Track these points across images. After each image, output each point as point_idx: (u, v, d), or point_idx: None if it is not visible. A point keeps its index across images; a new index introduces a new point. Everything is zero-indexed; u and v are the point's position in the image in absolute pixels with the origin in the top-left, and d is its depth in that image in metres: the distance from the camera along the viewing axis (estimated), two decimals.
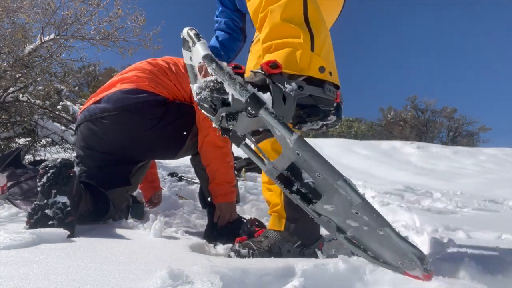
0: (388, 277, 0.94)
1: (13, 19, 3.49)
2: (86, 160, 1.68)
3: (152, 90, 1.69)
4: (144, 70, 1.78)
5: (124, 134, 1.64)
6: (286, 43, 1.03)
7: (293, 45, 1.02)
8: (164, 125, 1.66)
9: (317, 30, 1.05)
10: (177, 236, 1.32)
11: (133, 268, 0.83)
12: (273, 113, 0.84)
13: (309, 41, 1.02)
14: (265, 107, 0.84)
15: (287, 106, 0.93)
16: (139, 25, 4.13)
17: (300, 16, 1.04)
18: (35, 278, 0.72)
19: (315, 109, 1.01)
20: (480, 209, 3.70)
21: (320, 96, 1.00)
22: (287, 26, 1.03)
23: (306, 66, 1.00)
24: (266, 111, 0.84)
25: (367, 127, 31.83)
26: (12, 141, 3.68)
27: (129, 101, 1.62)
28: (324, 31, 1.08)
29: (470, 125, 30.73)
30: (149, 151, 1.76)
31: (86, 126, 1.67)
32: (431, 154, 13.65)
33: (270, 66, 0.95)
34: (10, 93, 3.38)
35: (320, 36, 1.05)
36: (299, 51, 1.00)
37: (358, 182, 5.39)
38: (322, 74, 1.01)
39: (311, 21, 1.04)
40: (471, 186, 7.32)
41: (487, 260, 1.12)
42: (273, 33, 1.06)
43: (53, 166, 1.25)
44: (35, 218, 1.19)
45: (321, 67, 1.01)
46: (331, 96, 1.01)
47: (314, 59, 1.01)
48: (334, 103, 1.03)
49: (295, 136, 0.82)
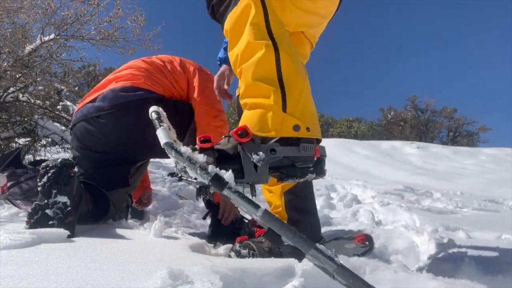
0: (389, 277, 0.94)
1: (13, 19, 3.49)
2: (83, 161, 1.66)
3: (148, 87, 1.67)
4: (139, 68, 1.77)
5: (120, 132, 1.62)
6: (257, 104, 1.02)
7: (263, 106, 1.01)
8: None
9: (292, 86, 1.02)
10: (177, 236, 1.32)
11: (133, 268, 0.83)
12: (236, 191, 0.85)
13: (280, 101, 0.99)
14: (228, 187, 0.85)
15: (259, 173, 0.94)
16: (139, 25, 4.13)
17: (272, 74, 1.01)
18: (35, 278, 0.72)
19: (292, 169, 0.99)
20: (480, 209, 3.70)
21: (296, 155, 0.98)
22: (258, 85, 1.02)
23: (278, 127, 0.98)
24: (229, 191, 0.85)
25: (367, 127, 31.83)
26: (12, 141, 3.68)
27: (125, 99, 1.60)
28: (300, 84, 1.05)
29: (470, 125, 30.78)
30: (146, 149, 1.73)
31: (82, 126, 1.65)
32: (431, 154, 13.65)
33: (239, 135, 0.96)
34: (10, 93, 3.38)
35: (294, 92, 1.02)
36: (269, 112, 0.99)
37: (358, 182, 5.39)
38: (297, 133, 0.98)
39: (284, 78, 1.02)
40: (471, 186, 7.32)
41: (487, 260, 1.12)
42: (247, 91, 1.05)
43: (54, 166, 1.25)
44: (36, 218, 1.19)
45: (295, 126, 0.99)
46: (308, 153, 0.99)
47: (287, 119, 0.99)
48: (313, 159, 1.00)
49: (260, 213, 0.83)
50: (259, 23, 1.05)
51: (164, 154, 1.85)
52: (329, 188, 4.44)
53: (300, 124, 0.99)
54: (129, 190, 1.75)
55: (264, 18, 1.05)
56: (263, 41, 1.03)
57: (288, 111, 0.99)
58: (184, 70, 1.85)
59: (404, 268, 1.11)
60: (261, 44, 1.02)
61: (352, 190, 4.38)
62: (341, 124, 32.13)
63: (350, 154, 12.29)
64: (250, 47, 1.04)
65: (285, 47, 1.05)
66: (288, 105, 1.00)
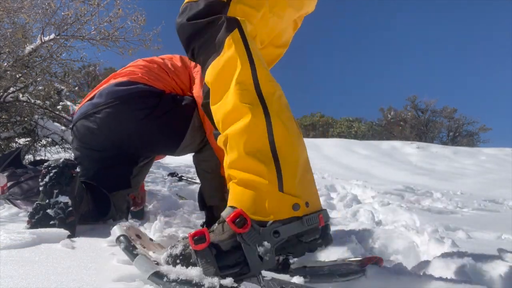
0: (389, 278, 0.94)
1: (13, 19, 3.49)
2: (84, 161, 1.64)
3: (146, 82, 1.65)
4: (138, 65, 1.76)
5: (117, 127, 1.60)
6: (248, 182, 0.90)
7: (256, 185, 0.89)
8: (158, 116, 1.59)
9: (288, 158, 0.91)
10: (177, 236, 1.32)
11: (134, 268, 0.83)
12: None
13: (275, 180, 0.88)
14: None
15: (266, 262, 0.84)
16: (139, 25, 4.13)
17: (264, 146, 0.90)
18: (35, 278, 0.72)
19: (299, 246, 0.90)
20: (480, 209, 3.70)
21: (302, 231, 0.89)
22: (250, 160, 0.90)
23: (275, 210, 0.88)
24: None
25: (367, 127, 31.82)
26: (12, 141, 3.68)
27: (121, 92, 1.59)
28: (296, 154, 0.93)
29: (470, 125, 30.76)
30: (145, 145, 1.68)
31: (81, 124, 1.64)
32: (431, 154, 13.65)
33: (236, 223, 0.84)
34: (10, 93, 3.38)
35: (291, 165, 0.91)
36: (264, 194, 0.88)
37: (358, 182, 5.39)
38: (297, 212, 0.88)
39: (279, 149, 0.90)
40: (471, 186, 7.32)
41: (487, 260, 1.12)
42: (234, 164, 0.92)
43: (56, 166, 1.25)
44: (37, 218, 1.19)
45: (294, 205, 0.88)
46: (313, 225, 0.90)
47: (285, 199, 0.88)
48: (318, 229, 0.92)
49: None
50: (246, 81, 0.93)
51: (164, 149, 1.81)
52: (329, 188, 4.44)
53: (299, 202, 0.89)
54: (131, 192, 1.73)
55: (252, 76, 0.93)
56: (251, 104, 0.91)
57: (285, 190, 0.88)
58: (185, 65, 1.83)
59: (404, 268, 1.11)
60: (249, 108, 0.91)
61: (352, 190, 4.38)
62: (341, 124, 32.12)
63: (350, 154, 12.29)
64: (237, 111, 0.92)
65: (276, 110, 0.93)
66: (284, 183, 0.89)
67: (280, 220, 0.87)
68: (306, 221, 0.89)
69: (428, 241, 1.63)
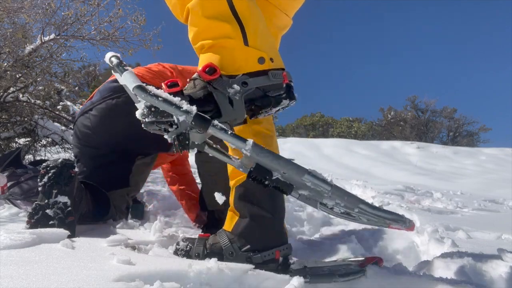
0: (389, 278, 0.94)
1: (13, 19, 3.49)
2: (84, 158, 1.65)
3: (140, 78, 1.64)
4: (139, 68, 1.77)
5: (109, 122, 1.61)
6: (217, 44, 0.96)
7: (224, 44, 0.95)
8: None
9: (248, 18, 0.97)
10: (177, 236, 1.32)
11: (134, 268, 0.83)
12: (222, 128, 0.83)
13: (240, 35, 0.95)
14: (212, 124, 0.82)
15: (236, 109, 0.92)
16: (140, 25, 4.12)
17: (224, 9, 0.95)
18: (35, 278, 0.72)
19: (265, 98, 0.98)
20: (480, 209, 3.70)
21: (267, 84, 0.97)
22: (213, 23, 0.96)
23: (243, 63, 0.95)
24: (214, 128, 0.83)
25: (367, 127, 31.82)
26: (12, 141, 3.68)
27: (113, 88, 1.61)
28: (255, 16, 0.99)
29: (470, 125, 30.77)
30: (138, 141, 1.64)
31: (79, 121, 1.67)
32: (431, 154, 13.66)
33: (207, 72, 0.92)
34: (10, 93, 3.38)
35: (251, 24, 0.97)
36: (232, 49, 0.95)
37: (358, 182, 5.39)
38: (262, 65, 0.96)
39: (238, 10, 0.96)
40: (471, 186, 7.32)
41: (487, 260, 1.12)
42: (200, 33, 0.99)
43: (54, 166, 1.25)
44: (36, 218, 1.19)
45: (260, 58, 0.96)
46: (278, 80, 0.97)
47: (251, 53, 0.96)
48: (283, 86, 0.98)
49: (249, 146, 0.82)
50: None
51: (158, 146, 1.76)
52: None
53: (264, 56, 0.96)
54: (130, 191, 1.71)
55: None
56: None
57: (250, 44, 0.96)
58: (191, 68, 1.85)
59: (404, 268, 1.11)
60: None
61: (352, 190, 4.38)
62: (341, 124, 32.12)
63: (350, 154, 12.29)
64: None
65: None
66: (248, 37, 0.96)
67: (248, 73, 0.94)
68: (271, 75, 0.96)
69: (428, 241, 1.63)
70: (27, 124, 3.59)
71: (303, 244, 1.55)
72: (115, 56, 0.95)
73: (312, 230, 1.94)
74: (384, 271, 0.97)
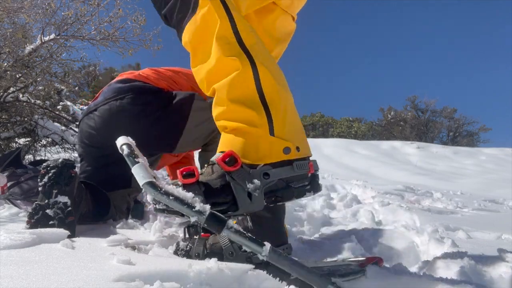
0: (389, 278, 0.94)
1: (13, 19, 3.49)
2: (86, 158, 1.67)
3: (144, 80, 1.65)
4: (144, 70, 1.77)
5: (112, 123, 1.60)
6: (240, 129, 0.90)
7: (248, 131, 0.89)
8: (152, 112, 1.59)
9: (276, 104, 0.91)
10: (177, 236, 1.32)
11: (134, 268, 0.83)
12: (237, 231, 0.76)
13: (266, 125, 0.89)
14: (227, 227, 0.76)
15: (254, 202, 0.85)
16: (140, 25, 4.12)
17: (252, 94, 0.90)
18: (35, 278, 0.72)
19: (288, 190, 0.91)
20: (480, 209, 3.70)
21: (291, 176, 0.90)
22: (239, 108, 0.90)
23: (267, 153, 0.89)
24: (229, 231, 0.76)
25: (367, 127, 31.83)
26: (12, 141, 3.68)
27: (117, 89, 1.61)
28: (284, 100, 0.94)
29: (470, 125, 30.82)
30: (140, 141, 1.63)
31: (83, 122, 1.68)
32: (431, 154, 13.66)
33: (226, 162, 0.85)
34: (10, 93, 3.38)
35: (279, 110, 0.92)
36: (256, 138, 0.89)
37: (358, 182, 5.39)
38: (288, 155, 0.90)
39: (267, 96, 0.90)
40: (471, 186, 7.32)
41: (487, 260, 1.12)
42: (225, 114, 0.93)
43: (55, 166, 1.25)
44: (36, 218, 1.19)
45: (285, 148, 0.90)
46: (303, 170, 0.91)
47: (276, 143, 0.90)
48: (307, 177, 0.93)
49: (265, 252, 0.75)
50: (227, 35, 0.92)
51: (160, 146, 1.76)
52: (329, 188, 4.44)
53: (290, 146, 0.91)
54: (132, 192, 1.70)
55: (232, 29, 0.92)
56: (236, 56, 0.91)
57: (276, 134, 0.90)
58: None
59: (404, 268, 1.11)
60: (235, 60, 0.90)
61: (352, 190, 4.37)
62: (341, 124, 32.13)
63: (350, 154, 12.29)
64: (222, 65, 0.92)
65: (261, 59, 0.93)
66: (275, 127, 0.90)
67: (271, 163, 0.89)
68: (296, 166, 0.90)
69: (428, 241, 1.63)
70: (27, 124, 3.59)
71: (303, 244, 1.55)
72: (127, 145, 0.89)
73: (312, 230, 1.94)
74: (384, 271, 0.97)
